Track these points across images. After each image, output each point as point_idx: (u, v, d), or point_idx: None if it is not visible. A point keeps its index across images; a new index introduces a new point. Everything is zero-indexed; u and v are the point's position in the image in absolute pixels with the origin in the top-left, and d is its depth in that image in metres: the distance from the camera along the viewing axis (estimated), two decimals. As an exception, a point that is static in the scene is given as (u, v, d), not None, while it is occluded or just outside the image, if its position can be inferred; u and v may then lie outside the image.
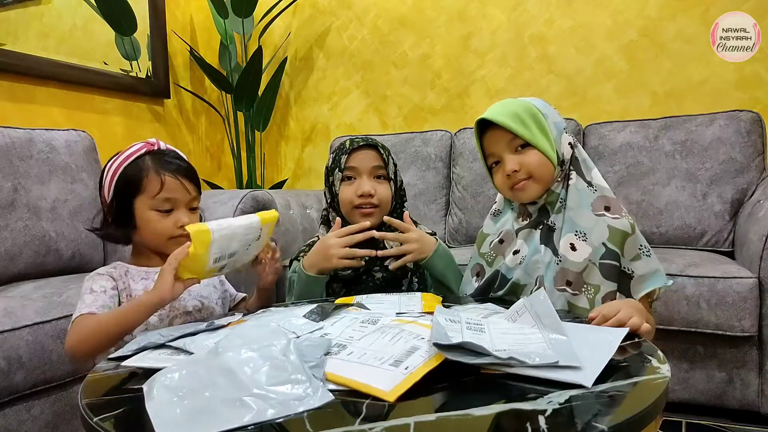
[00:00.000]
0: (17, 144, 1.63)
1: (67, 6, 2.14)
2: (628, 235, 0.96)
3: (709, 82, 2.11)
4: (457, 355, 0.62)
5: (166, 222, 0.98)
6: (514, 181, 1.01)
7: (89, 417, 0.57)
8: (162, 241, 1.00)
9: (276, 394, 0.56)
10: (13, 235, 1.54)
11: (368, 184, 1.15)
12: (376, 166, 1.17)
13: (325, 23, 2.79)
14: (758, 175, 1.84)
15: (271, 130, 2.96)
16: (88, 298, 0.93)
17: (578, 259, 0.96)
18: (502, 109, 1.01)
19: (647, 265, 0.97)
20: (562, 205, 1.01)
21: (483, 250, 1.13)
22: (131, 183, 0.97)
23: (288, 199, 2.19)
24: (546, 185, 1.01)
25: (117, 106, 2.36)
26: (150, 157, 0.99)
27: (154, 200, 0.97)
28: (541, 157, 0.99)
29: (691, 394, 1.54)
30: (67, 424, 1.27)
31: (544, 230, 1.02)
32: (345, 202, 1.17)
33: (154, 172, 0.97)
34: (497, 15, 2.44)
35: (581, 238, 0.97)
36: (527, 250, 1.02)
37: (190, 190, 1.01)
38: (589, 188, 1.01)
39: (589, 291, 0.96)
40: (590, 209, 0.99)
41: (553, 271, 0.98)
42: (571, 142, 1.03)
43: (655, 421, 0.58)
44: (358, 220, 1.15)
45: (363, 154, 1.17)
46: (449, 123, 2.54)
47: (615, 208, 0.99)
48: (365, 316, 0.85)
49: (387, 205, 1.19)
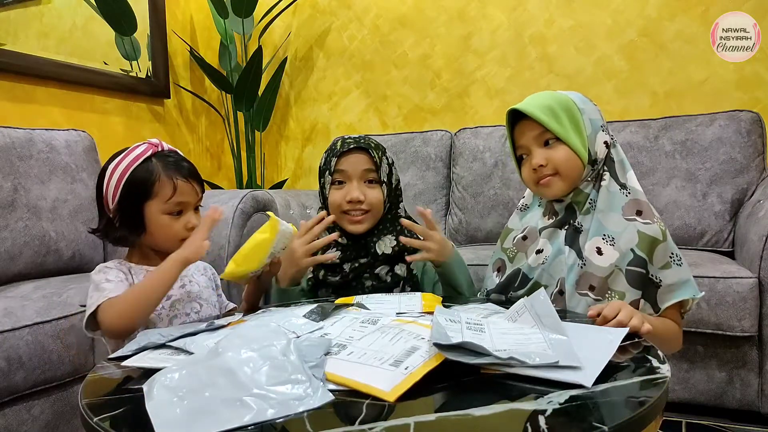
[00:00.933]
0: (17, 144, 1.63)
1: (67, 6, 2.14)
2: (659, 242, 0.92)
3: (709, 82, 2.11)
4: (457, 355, 0.62)
5: (177, 225, 0.99)
6: (539, 176, 0.98)
7: (89, 417, 0.57)
8: (173, 244, 0.99)
9: (276, 394, 0.56)
10: (13, 235, 1.54)
11: (357, 189, 1.12)
12: (366, 170, 1.13)
13: (325, 23, 2.79)
14: (758, 175, 1.84)
15: (271, 130, 2.96)
16: (108, 285, 0.93)
17: (604, 264, 0.92)
18: (535, 101, 0.98)
19: (677, 274, 0.93)
20: (592, 206, 0.97)
21: (506, 246, 1.09)
22: (141, 187, 0.96)
23: (288, 199, 2.19)
24: (573, 183, 0.98)
25: (117, 106, 2.36)
26: (157, 159, 0.98)
27: (167, 204, 0.97)
28: (569, 153, 0.95)
29: (691, 394, 1.54)
30: (67, 424, 1.27)
31: (569, 231, 0.98)
32: (334, 206, 1.14)
33: (166, 177, 0.97)
34: (497, 15, 2.44)
35: (609, 242, 0.93)
36: (551, 251, 0.99)
37: (198, 191, 1.02)
38: (622, 191, 0.97)
39: (612, 297, 0.92)
40: (620, 213, 0.95)
41: (576, 274, 0.95)
42: (608, 141, 0.98)
43: (655, 421, 0.58)
44: (347, 225, 1.14)
45: (354, 157, 1.13)
46: (449, 123, 2.54)
47: (647, 213, 0.95)
48: (365, 316, 0.85)
49: (379, 210, 1.15)
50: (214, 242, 1.64)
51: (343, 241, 1.16)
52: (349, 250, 1.15)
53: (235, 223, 1.66)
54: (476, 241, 2.21)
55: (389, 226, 1.17)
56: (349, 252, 1.15)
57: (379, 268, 1.15)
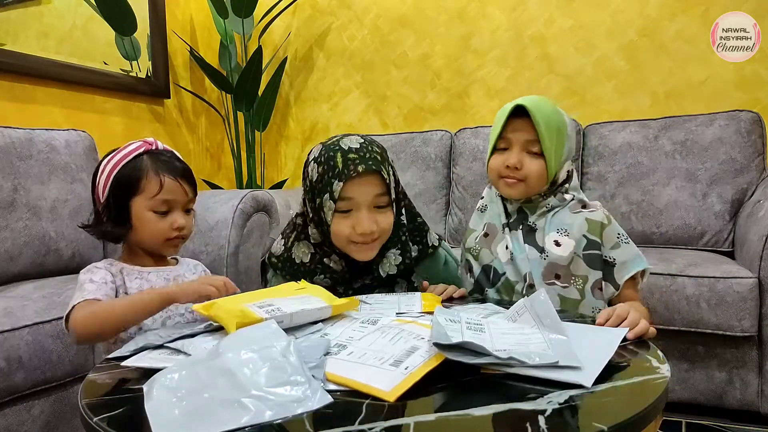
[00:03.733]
0: (17, 144, 1.62)
1: (67, 6, 2.14)
2: (605, 226, 1.02)
3: (709, 82, 2.11)
4: (457, 355, 0.62)
5: (162, 223, 0.98)
6: (508, 175, 1.04)
7: (89, 417, 0.57)
8: (158, 242, 0.99)
9: (274, 396, 0.56)
10: (13, 235, 1.54)
11: (368, 220, 0.96)
12: (378, 195, 0.98)
13: (325, 23, 2.79)
14: (758, 175, 1.84)
15: (271, 130, 2.96)
16: (90, 287, 0.92)
17: (564, 253, 1.01)
18: (544, 109, 1.02)
19: (626, 251, 1.02)
20: (548, 210, 1.06)
21: (468, 245, 1.15)
22: (129, 182, 0.97)
23: (288, 199, 2.19)
24: (531, 194, 1.06)
25: (117, 106, 2.36)
26: (148, 156, 0.99)
27: (152, 201, 0.97)
28: (543, 170, 1.03)
29: (691, 394, 1.54)
30: (67, 424, 1.27)
31: (525, 230, 1.06)
32: (339, 237, 0.99)
33: (154, 173, 0.97)
34: (497, 15, 2.44)
35: (563, 233, 1.02)
36: (514, 248, 1.05)
37: (188, 192, 1.01)
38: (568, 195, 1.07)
39: (577, 282, 1.01)
40: (568, 210, 1.05)
41: (540, 267, 1.02)
42: (570, 171, 1.08)
43: (655, 421, 0.58)
44: (356, 254, 1.01)
45: (364, 182, 0.96)
46: (449, 123, 2.54)
47: (590, 205, 1.06)
48: (365, 316, 0.85)
49: (389, 232, 1.03)
50: (214, 242, 1.65)
51: (336, 266, 1.05)
52: (346, 275, 1.07)
53: (235, 223, 1.66)
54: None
55: (393, 239, 1.06)
56: (345, 276, 1.07)
57: (377, 291, 1.08)
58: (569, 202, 1.06)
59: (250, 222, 1.73)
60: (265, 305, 0.78)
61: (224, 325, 0.76)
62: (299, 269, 1.07)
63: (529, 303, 0.79)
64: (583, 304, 1.00)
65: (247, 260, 1.73)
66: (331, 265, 1.05)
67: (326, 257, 1.05)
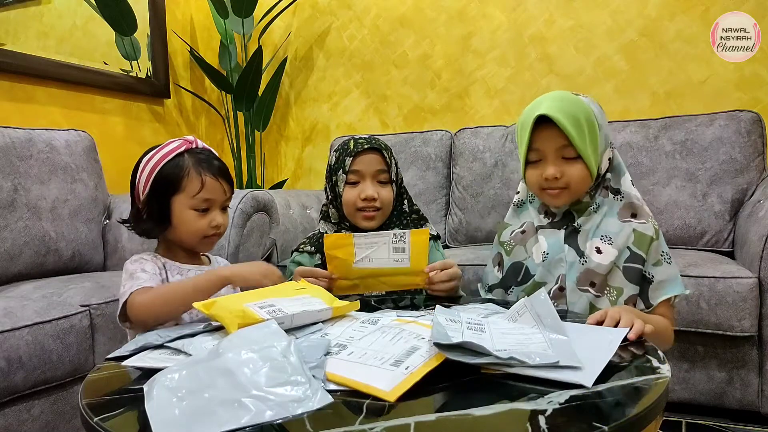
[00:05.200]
0: (17, 144, 1.63)
1: (67, 6, 2.14)
2: (653, 240, 0.97)
3: (709, 82, 2.11)
4: (458, 355, 0.62)
5: (202, 221, 1.00)
6: (549, 186, 0.98)
7: (89, 417, 0.57)
8: (196, 239, 1.01)
9: (275, 396, 0.56)
10: (13, 235, 1.54)
11: (372, 188, 1.18)
12: (379, 170, 1.19)
13: (325, 23, 2.79)
14: (758, 175, 1.84)
15: (271, 130, 2.96)
16: (143, 275, 0.94)
17: (604, 262, 0.96)
18: (564, 108, 0.94)
19: (667, 271, 0.97)
20: (594, 210, 1.01)
21: (503, 239, 1.11)
22: (171, 181, 0.98)
23: (288, 199, 2.19)
24: (578, 197, 1.00)
25: (117, 106, 2.36)
26: (189, 155, 1.00)
27: (194, 200, 0.98)
28: (584, 171, 0.96)
29: (691, 394, 1.54)
30: (67, 424, 1.27)
31: (569, 230, 1.01)
32: (348, 204, 1.19)
33: (195, 172, 0.98)
34: (497, 15, 2.44)
35: (607, 242, 0.98)
36: (550, 248, 1.01)
37: (226, 190, 1.03)
38: (616, 197, 1.01)
39: (612, 293, 0.96)
40: (616, 217, 0.99)
41: (576, 271, 0.98)
42: (611, 157, 1.01)
43: (655, 421, 0.58)
44: (361, 222, 1.19)
45: (368, 157, 1.19)
46: (449, 123, 2.54)
47: (641, 213, 1.00)
48: (365, 316, 0.85)
49: (389, 208, 1.22)
50: (214, 242, 1.64)
51: None
52: None
53: (235, 223, 1.66)
54: (476, 241, 2.21)
55: (396, 222, 1.24)
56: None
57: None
58: (618, 203, 1.00)
59: (250, 222, 1.73)
60: (266, 306, 0.78)
61: (225, 325, 0.76)
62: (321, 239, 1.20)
63: (529, 303, 0.79)
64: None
65: (248, 260, 1.73)
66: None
67: (344, 231, 1.23)
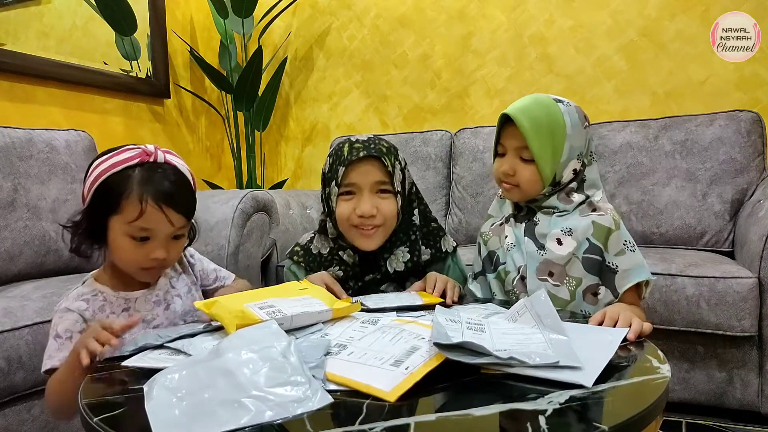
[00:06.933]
0: (17, 144, 1.62)
1: (67, 6, 2.13)
2: (612, 231, 0.99)
3: (709, 82, 2.11)
4: (458, 355, 0.62)
5: (138, 252, 0.86)
6: (504, 180, 1.06)
7: (89, 417, 0.57)
8: (132, 269, 0.89)
9: (274, 396, 0.56)
10: (13, 235, 1.54)
11: (368, 202, 1.00)
12: (379, 181, 1.02)
13: (325, 23, 2.79)
14: (758, 175, 1.84)
15: (271, 130, 2.96)
16: (52, 346, 0.85)
17: (563, 253, 1.00)
18: (531, 112, 1.00)
19: (631, 259, 0.99)
20: (554, 211, 1.04)
21: (483, 230, 1.17)
22: (109, 198, 0.85)
23: (288, 199, 2.19)
24: (530, 197, 1.06)
25: (117, 106, 2.36)
26: (141, 170, 0.86)
27: (130, 227, 0.85)
28: (534, 175, 1.02)
29: (691, 394, 1.54)
30: (67, 424, 1.27)
31: (529, 224, 1.06)
32: (342, 220, 1.03)
33: (136, 195, 0.84)
34: (497, 15, 2.44)
35: (567, 233, 1.01)
36: (515, 239, 1.06)
37: (174, 221, 0.87)
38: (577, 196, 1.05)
39: (570, 283, 1.00)
40: (577, 213, 1.04)
41: (536, 261, 1.02)
42: (577, 169, 1.04)
43: (655, 421, 0.58)
44: (358, 240, 1.03)
45: (364, 167, 1.01)
46: (449, 123, 2.54)
47: (601, 208, 1.03)
48: (365, 316, 0.85)
49: (392, 223, 1.04)
50: (214, 242, 1.65)
51: (349, 259, 1.09)
52: (357, 268, 1.09)
53: (235, 223, 1.66)
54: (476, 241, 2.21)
55: (402, 237, 1.08)
56: (356, 270, 1.09)
57: (385, 285, 1.10)
58: (578, 204, 1.03)
59: (250, 222, 1.73)
60: (266, 306, 0.78)
61: (224, 325, 0.76)
62: (316, 259, 1.12)
63: (529, 303, 0.79)
64: (572, 305, 1.00)
65: (247, 260, 1.73)
66: (345, 258, 1.09)
67: (341, 250, 1.09)
